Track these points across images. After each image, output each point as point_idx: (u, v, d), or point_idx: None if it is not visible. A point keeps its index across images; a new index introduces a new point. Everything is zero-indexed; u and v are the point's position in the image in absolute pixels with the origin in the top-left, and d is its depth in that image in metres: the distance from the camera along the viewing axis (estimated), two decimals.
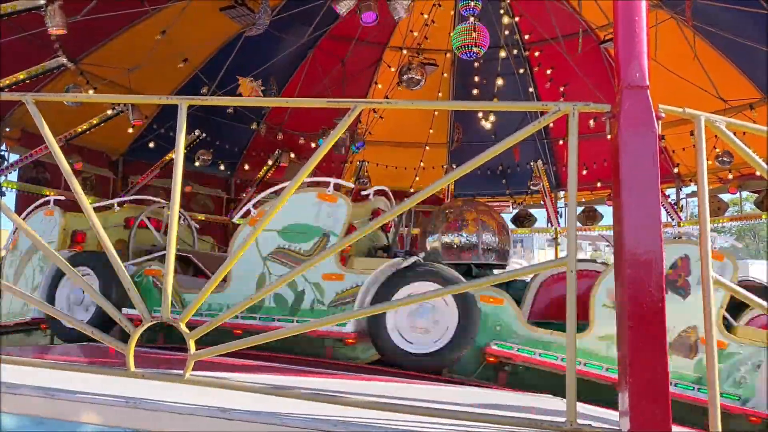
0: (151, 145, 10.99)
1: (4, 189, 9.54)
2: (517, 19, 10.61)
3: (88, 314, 5.07)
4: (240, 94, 9.30)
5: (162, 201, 6.39)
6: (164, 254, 5.53)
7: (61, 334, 5.24)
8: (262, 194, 5.46)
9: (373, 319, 4.37)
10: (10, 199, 9.66)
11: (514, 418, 2.24)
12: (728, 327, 4.75)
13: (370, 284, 4.44)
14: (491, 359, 4.39)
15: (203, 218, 12.05)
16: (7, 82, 8.35)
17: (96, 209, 6.02)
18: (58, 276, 5.29)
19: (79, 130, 9.83)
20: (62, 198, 5.97)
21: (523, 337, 4.39)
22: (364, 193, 5.48)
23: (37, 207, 6.08)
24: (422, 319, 4.34)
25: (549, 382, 4.26)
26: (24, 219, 5.75)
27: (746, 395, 4.17)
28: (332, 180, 4.82)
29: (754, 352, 4.22)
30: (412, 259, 4.65)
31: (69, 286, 5.25)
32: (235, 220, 5.07)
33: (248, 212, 4.84)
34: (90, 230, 5.89)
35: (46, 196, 6.31)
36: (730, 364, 4.24)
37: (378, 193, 5.47)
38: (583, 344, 4.27)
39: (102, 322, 4.76)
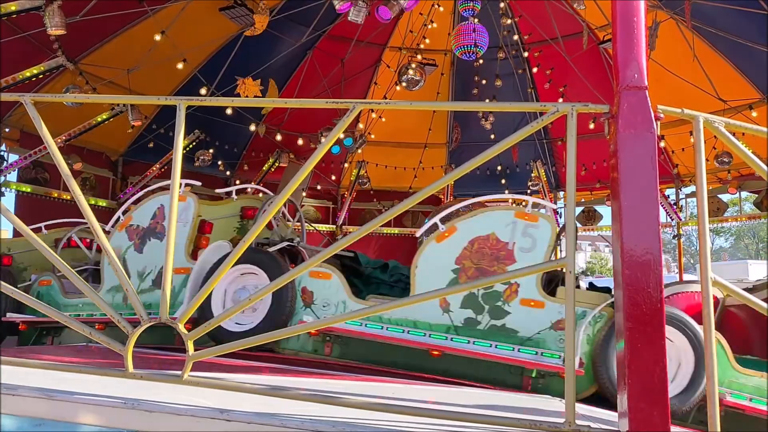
0: (151, 145, 11.00)
1: (4, 189, 9.53)
2: (516, 19, 10.61)
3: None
4: (239, 95, 9.30)
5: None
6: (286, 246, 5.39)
7: None
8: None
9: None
10: (9, 200, 9.67)
11: (513, 418, 2.23)
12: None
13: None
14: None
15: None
16: (6, 82, 8.35)
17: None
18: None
19: (79, 130, 9.83)
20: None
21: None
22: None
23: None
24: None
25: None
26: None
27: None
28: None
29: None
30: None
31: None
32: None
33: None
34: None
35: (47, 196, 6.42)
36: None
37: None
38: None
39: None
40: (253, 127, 11.32)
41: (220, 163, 12.33)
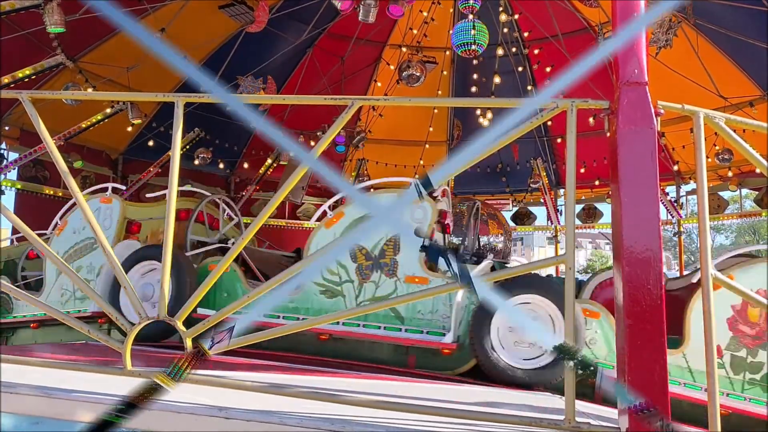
0: (151, 143, 10.98)
1: (3, 188, 9.52)
2: (516, 16, 10.58)
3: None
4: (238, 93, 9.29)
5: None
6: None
7: None
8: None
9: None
10: (9, 198, 9.66)
11: (513, 416, 2.23)
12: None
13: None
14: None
15: None
16: (6, 80, 8.33)
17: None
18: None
19: (78, 128, 9.81)
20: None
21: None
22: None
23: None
24: None
25: None
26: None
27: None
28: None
29: None
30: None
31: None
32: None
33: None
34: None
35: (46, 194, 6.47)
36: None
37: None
38: None
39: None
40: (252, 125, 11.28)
41: (220, 161, 12.33)
